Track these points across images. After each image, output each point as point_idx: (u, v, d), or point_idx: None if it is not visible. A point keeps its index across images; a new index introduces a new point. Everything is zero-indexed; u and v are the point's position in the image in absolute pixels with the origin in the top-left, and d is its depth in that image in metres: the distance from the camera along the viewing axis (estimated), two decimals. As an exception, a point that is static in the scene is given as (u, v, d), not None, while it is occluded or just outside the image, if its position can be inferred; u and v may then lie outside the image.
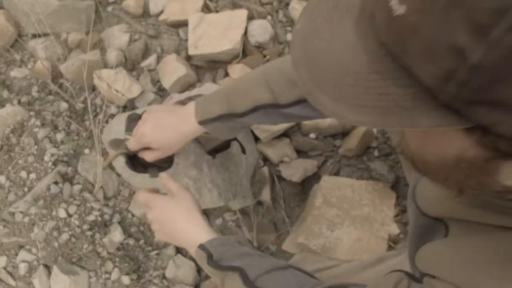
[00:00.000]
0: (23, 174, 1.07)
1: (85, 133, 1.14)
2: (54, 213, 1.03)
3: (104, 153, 1.10)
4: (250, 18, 1.27)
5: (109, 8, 1.37)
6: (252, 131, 1.14)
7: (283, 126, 1.12)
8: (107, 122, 1.17)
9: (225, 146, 1.03)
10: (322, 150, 1.20)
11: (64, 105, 1.17)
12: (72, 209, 1.04)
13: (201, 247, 0.63)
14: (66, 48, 1.28)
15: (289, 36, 1.28)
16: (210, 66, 1.29)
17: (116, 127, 1.03)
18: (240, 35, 1.22)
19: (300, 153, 1.20)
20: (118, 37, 1.31)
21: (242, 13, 1.24)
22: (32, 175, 1.07)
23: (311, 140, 1.19)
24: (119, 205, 1.09)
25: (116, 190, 1.11)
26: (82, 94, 1.23)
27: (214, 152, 0.86)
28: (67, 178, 1.09)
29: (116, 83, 1.18)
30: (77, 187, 1.08)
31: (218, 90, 0.77)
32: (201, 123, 0.72)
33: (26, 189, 1.06)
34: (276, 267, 0.59)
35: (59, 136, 1.11)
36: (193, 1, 1.31)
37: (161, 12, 1.34)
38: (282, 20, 1.29)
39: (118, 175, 1.12)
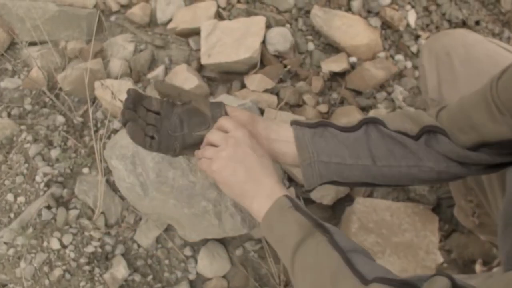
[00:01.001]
0: (10, 197, 0.92)
1: (84, 150, 0.99)
2: (45, 243, 0.87)
3: (106, 172, 0.95)
4: (267, 27, 1.17)
5: (112, 18, 1.26)
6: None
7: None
8: (109, 138, 1.03)
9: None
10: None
11: (60, 119, 1.03)
12: (67, 239, 0.88)
13: (288, 197, 0.55)
14: (64, 57, 1.15)
15: (310, 46, 1.17)
16: (224, 78, 1.17)
17: (122, 141, 0.89)
18: (258, 43, 1.11)
19: (328, 172, 1.07)
20: (122, 46, 1.19)
21: (260, 20, 1.14)
22: (20, 199, 0.91)
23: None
24: (123, 234, 0.93)
25: (120, 216, 0.95)
26: (80, 107, 1.09)
27: None
28: (62, 202, 0.93)
29: (121, 94, 1.04)
30: (73, 213, 0.92)
31: None
32: (294, 123, 0.62)
33: (12, 215, 0.91)
34: (362, 250, 0.52)
35: (54, 153, 0.96)
36: (204, 9, 1.21)
37: (170, 20, 1.23)
38: (302, 28, 1.19)
39: (122, 198, 0.97)
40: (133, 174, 0.87)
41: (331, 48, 1.17)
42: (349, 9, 1.16)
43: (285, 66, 1.15)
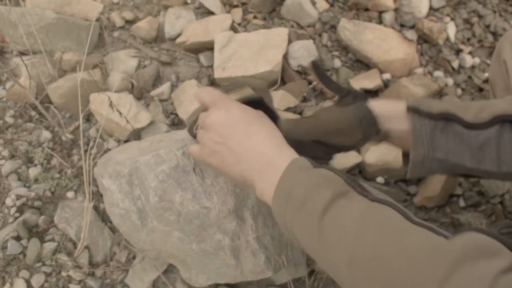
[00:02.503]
0: (-30, 224, 0.72)
1: (71, 171, 0.82)
2: (7, 286, 0.67)
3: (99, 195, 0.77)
4: (288, 42, 1.05)
5: (116, 33, 1.15)
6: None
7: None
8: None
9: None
10: (393, 199, 0.89)
11: (46, 134, 0.87)
12: (37, 280, 0.69)
13: (306, 158, 0.47)
14: (58, 70, 1.01)
15: (337, 62, 1.05)
16: (238, 96, 1.03)
17: (118, 157, 0.73)
18: (280, 55, 0.99)
19: (364, 203, 0.89)
20: (124, 61, 1.06)
21: (282, 31, 1.03)
22: (-17, 227, 0.72)
23: (379, 186, 0.89)
24: (111, 276, 0.73)
25: (109, 252, 0.76)
26: (72, 124, 0.94)
27: None
28: (36, 232, 0.74)
29: (120, 107, 0.89)
30: (50, 246, 0.73)
31: None
32: (411, 109, 0.54)
33: (-30, 248, 0.71)
34: None
35: (33, 171, 0.79)
36: (218, 22, 1.10)
37: (178, 35, 1.12)
38: (327, 44, 1.07)
39: (113, 230, 0.78)
40: (129, 197, 0.69)
41: (360, 64, 1.04)
42: (380, 22, 1.05)
43: (310, 82, 1.02)
